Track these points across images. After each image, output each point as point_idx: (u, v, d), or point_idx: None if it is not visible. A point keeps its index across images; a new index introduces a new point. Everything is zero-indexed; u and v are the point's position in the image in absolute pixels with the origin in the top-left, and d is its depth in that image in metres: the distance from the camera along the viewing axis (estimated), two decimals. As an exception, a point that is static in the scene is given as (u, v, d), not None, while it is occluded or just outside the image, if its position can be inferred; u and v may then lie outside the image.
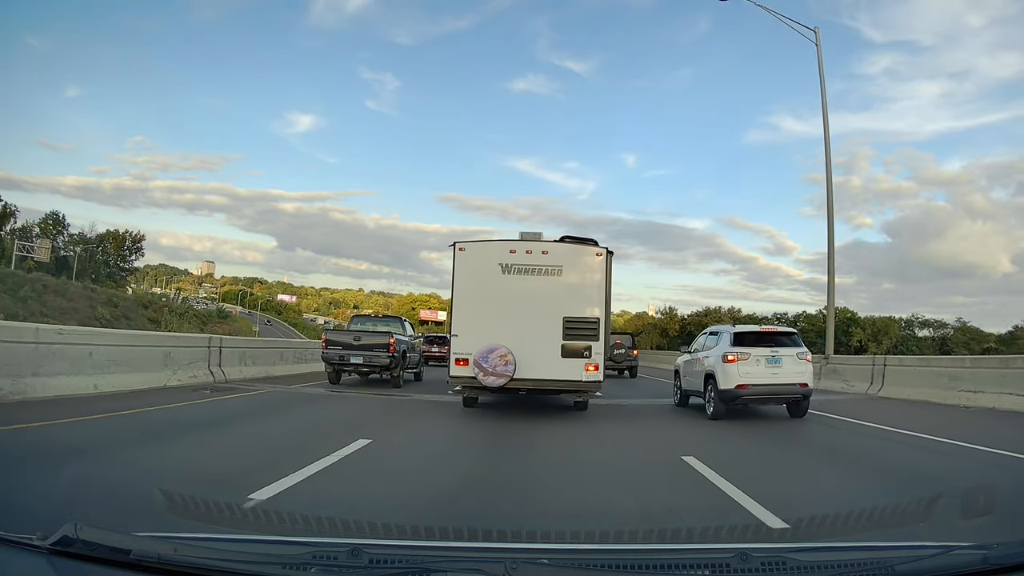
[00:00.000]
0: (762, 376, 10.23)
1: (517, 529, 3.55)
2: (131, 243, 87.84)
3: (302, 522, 3.34)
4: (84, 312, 47.05)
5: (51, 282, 51.90)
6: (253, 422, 8.83)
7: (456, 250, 10.30)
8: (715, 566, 1.93)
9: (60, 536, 1.78)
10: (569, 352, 9.84)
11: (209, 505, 3.61)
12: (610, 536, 3.59)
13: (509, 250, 10.15)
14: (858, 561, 2.03)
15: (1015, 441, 7.75)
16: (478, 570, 1.81)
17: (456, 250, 10.30)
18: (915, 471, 6.35)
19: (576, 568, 1.96)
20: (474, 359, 9.79)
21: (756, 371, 10.23)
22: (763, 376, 10.24)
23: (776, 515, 4.26)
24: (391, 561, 1.90)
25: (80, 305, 49.08)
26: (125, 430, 7.51)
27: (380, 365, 15.08)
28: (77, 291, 53.25)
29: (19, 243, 64.37)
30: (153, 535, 2.01)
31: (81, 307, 48.61)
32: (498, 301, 10.04)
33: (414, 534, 3.12)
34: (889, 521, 4.02)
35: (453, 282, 10.33)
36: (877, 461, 7.00)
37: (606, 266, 10.17)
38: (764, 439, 8.76)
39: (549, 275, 10.04)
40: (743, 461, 7.03)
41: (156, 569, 1.73)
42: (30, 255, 63.41)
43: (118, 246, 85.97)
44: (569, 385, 10.00)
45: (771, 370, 10.30)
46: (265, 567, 1.81)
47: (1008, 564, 1.83)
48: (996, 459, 6.94)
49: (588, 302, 10.07)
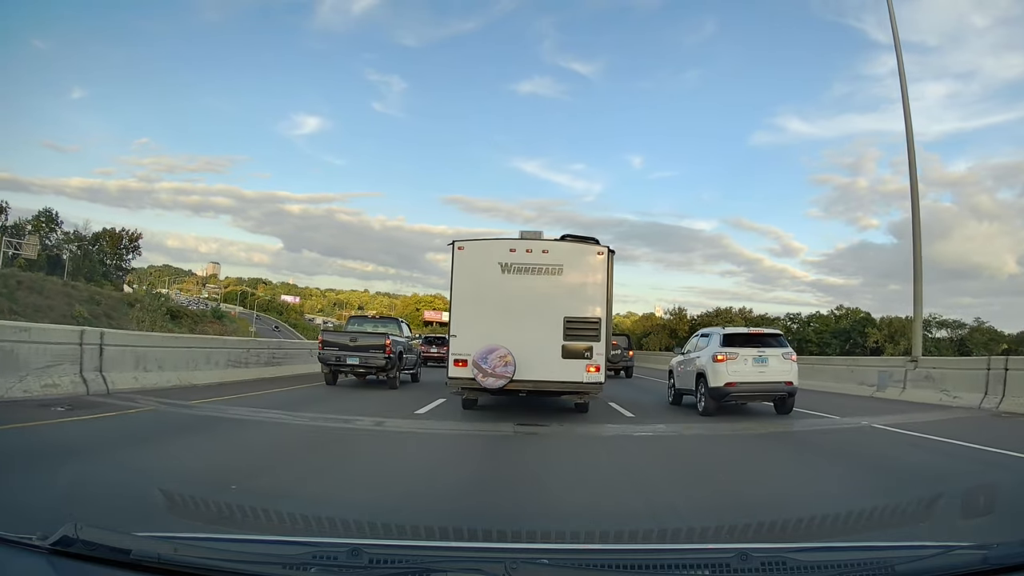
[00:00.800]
0: (750, 375, 10.87)
1: (517, 529, 3.55)
2: (128, 242, 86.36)
3: (302, 522, 3.34)
4: (60, 310, 45.09)
5: (26, 278, 50.15)
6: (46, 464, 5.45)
7: (455, 249, 10.11)
8: (715, 566, 1.93)
9: (60, 536, 1.78)
10: (570, 353, 9.70)
11: (209, 505, 3.61)
12: (610, 536, 3.59)
13: (509, 249, 9.98)
14: (858, 561, 2.03)
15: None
16: (478, 570, 1.81)
17: (455, 249, 10.11)
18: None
19: (576, 568, 1.96)
20: (473, 360, 9.64)
21: (744, 370, 10.85)
22: (751, 375, 10.87)
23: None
24: (391, 561, 1.90)
25: (57, 303, 47.42)
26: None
27: (376, 366, 14.89)
28: (56, 288, 51.64)
29: (7, 240, 62.70)
30: (153, 535, 2.01)
31: (57, 304, 46.94)
32: (498, 301, 9.87)
33: (414, 534, 3.12)
34: (889, 521, 4.02)
35: (452, 281, 10.17)
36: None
37: (607, 265, 10.02)
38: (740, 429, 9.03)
39: (550, 274, 9.88)
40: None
41: (156, 569, 1.72)
42: (20, 252, 62.03)
43: (114, 245, 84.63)
44: (570, 387, 9.87)
45: (758, 369, 10.93)
46: (265, 567, 1.81)
47: (1008, 564, 1.83)
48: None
49: (589, 302, 9.91)
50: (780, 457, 7.53)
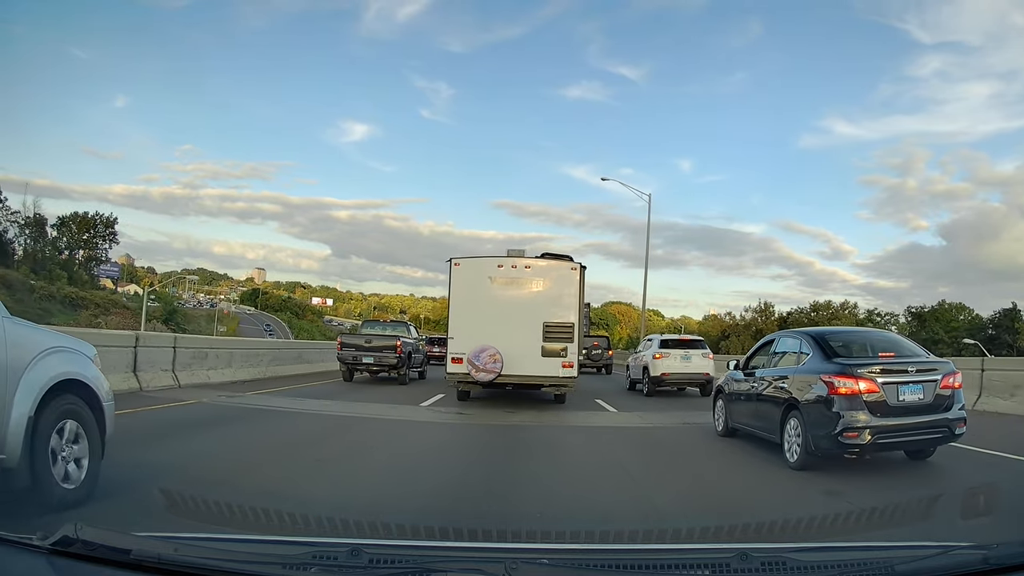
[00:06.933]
0: (678, 367, 15.79)
1: (517, 529, 3.55)
2: (103, 227, 73.82)
3: (302, 522, 3.34)
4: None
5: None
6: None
7: (452, 265, 11.73)
8: (715, 566, 1.92)
9: (60, 536, 1.77)
10: (548, 352, 11.32)
11: (209, 505, 3.61)
12: (610, 536, 3.59)
13: (497, 265, 11.72)
14: (858, 561, 2.03)
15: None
16: (478, 570, 1.81)
17: (452, 265, 11.73)
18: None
19: (576, 568, 1.96)
20: (468, 358, 11.20)
21: (675, 364, 15.80)
22: (679, 367, 15.80)
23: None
24: (391, 561, 1.90)
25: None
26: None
27: (389, 364, 16.64)
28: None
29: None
30: (153, 535, 2.01)
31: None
32: (488, 308, 11.51)
33: (414, 534, 3.12)
34: (889, 521, 4.02)
35: (449, 292, 11.82)
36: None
37: (580, 279, 11.63)
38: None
39: (531, 287, 11.64)
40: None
41: (156, 569, 1.72)
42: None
43: (82, 230, 71.54)
44: (548, 380, 11.61)
45: (684, 364, 15.87)
46: (265, 567, 1.80)
47: (1008, 564, 1.83)
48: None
49: (564, 309, 11.51)
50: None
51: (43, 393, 3.87)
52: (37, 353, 3.96)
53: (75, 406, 4.18)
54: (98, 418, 4.35)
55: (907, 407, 6.19)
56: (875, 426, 6.01)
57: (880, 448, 6.39)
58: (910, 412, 6.20)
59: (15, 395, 3.72)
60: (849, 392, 6.11)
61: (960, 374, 6.55)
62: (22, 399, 3.75)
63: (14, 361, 3.77)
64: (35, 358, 3.92)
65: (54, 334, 4.47)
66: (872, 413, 6.03)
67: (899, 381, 6.21)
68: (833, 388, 6.18)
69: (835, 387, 6.17)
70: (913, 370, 6.35)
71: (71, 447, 4.11)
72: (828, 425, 6.12)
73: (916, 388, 6.24)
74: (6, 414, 3.65)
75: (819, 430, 6.21)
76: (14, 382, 3.74)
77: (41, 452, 3.82)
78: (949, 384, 6.34)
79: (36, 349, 3.99)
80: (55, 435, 3.96)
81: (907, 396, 6.20)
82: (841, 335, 7.76)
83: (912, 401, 6.21)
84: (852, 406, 6.07)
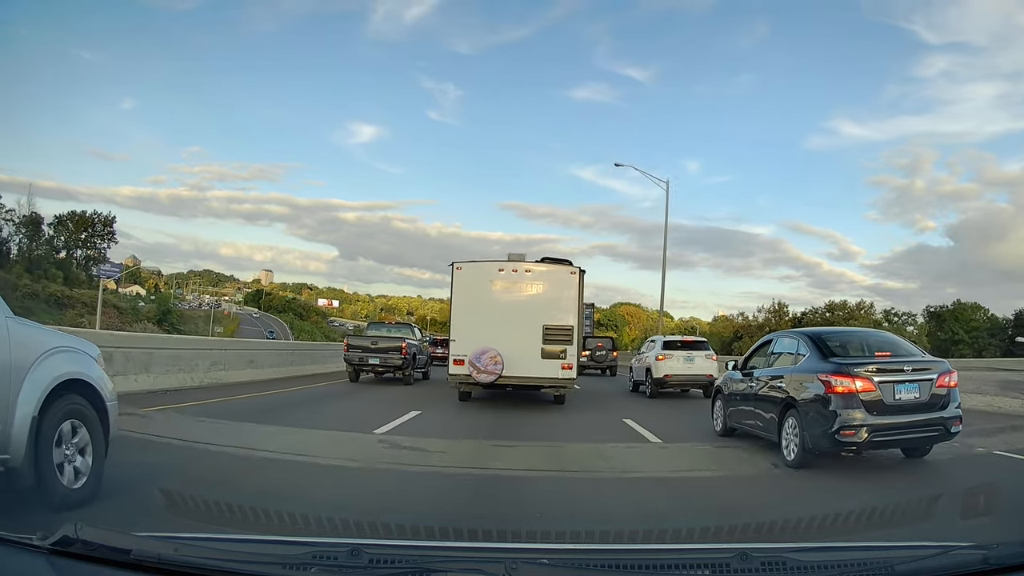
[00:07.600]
0: (681, 369, 15.25)
1: (517, 529, 3.55)
2: (102, 227, 71.72)
3: (302, 522, 3.33)
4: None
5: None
6: None
7: (454, 269, 11.92)
8: (715, 566, 1.92)
9: (60, 536, 1.77)
10: (547, 354, 11.50)
11: (209, 504, 3.61)
12: (610, 536, 3.59)
13: (498, 269, 11.89)
14: (858, 561, 2.03)
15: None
16: (478, 570, 1.81)
17: (454, 269, 11.92)
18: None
19: (576, 568, 1.95)
20: (469, 359, 11.36)
21: (678, 366, 15.27)
22: (682, 369, 15.26)
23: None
24: (391, 561, 1.90)
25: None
26: None
27: (394, 366, 16.87)
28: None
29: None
30: (153, 535, 2.01)
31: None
32: (489, 311, 11.68)
33: (414, 534, 3.12)
34: (889, 521, 4.02)
35: (452, 296, 12.02)
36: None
37: (579, 282, 11.79)
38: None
39: (531, 290, 11.82)
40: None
41: (156, 569, 1.72)
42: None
43: (80, 229, 69.57)
44: (547, 382, 11.81)
45: (687, 365, 15.29)
46: (265, 567, 1.80)
47: (1008, 564, 1.83)
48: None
49: (564, 312, 11.66)
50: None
51: (47, 393, 3.87)
52: (41, 353, 3.96)
53: (79, 406, 4.17)
54: (102, 418, 4.35)
55: (903, 406, 6.25)
56: (871, 424, 6.07)
57: (877, 446, 6.45)
58: (906, 410, 6.26)
59: (19, 395, 3.72)
60: (846, 391, 6.15)
61: (955, 373, 6.59)
62: (26, 399, 3.75)
63: (18, 361, 3.77)
64: (39, 358, 3.93)
65: (58, 334, 4.48)
66: (868, 411, 6.09)
67: (895, 380, 6.27)
68: (830, 387, 6.23)
69: (832, 386, 6.22)
70: (909, 369, 6.43)
71: (75, 447, 4.11)
72: (825, 423, 6.17)
73: (912, 387, 6.30)
74: (10, 414, 3.65)
75: (816, 428, 6.25)
76: (18, 382, 3.74)
77: (45, 452, 3.82)
78: (945, 383, 6.40)
79: (40, 349, 3.99)
80: (59, 435, 3.96)
81: (903, 395, 6.26)
82: (838, 335, 7.85)
83: (908, 400, 6.27)
84: (849, 405, 6.12)
